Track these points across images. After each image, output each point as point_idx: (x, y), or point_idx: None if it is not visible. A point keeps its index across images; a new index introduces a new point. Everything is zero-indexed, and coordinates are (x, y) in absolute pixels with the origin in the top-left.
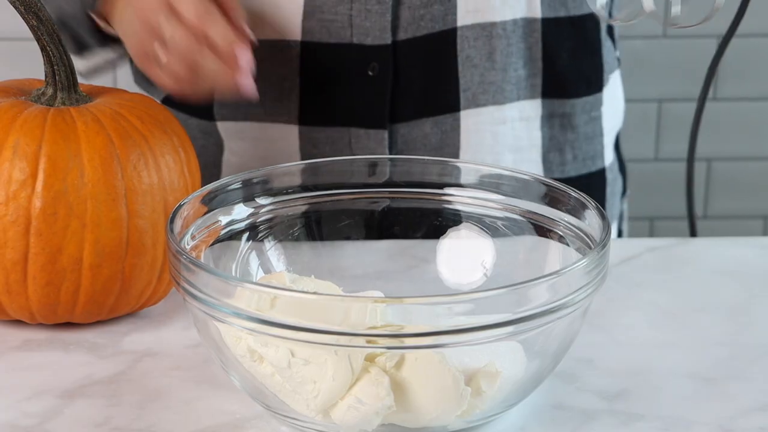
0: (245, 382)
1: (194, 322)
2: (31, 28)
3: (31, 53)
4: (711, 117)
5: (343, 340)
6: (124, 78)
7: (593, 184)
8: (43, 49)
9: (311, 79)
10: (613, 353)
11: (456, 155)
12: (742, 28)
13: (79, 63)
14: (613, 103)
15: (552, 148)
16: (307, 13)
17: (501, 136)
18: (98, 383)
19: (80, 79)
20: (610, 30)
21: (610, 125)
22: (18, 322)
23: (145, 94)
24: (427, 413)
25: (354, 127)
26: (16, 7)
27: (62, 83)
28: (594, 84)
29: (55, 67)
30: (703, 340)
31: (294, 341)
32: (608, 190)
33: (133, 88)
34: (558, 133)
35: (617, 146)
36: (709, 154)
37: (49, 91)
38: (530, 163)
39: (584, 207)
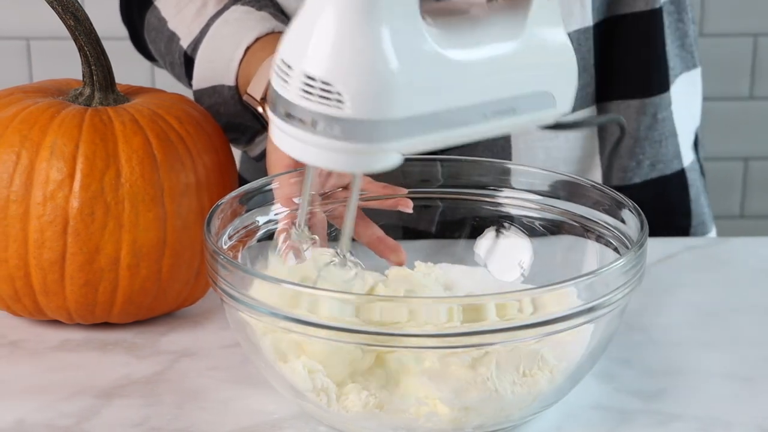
0: (282, 383)
1: (231, 322)
2: (69, 28)
3: (69, 53)
4: (748, 116)
5: (382, 340)
6: (161, 78)
7: (672, 187)
8: (80, 49)
9: None
10: (650, 353)
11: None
12: None
13: (255, 150)
14: (686, 102)
15: (611, 154)
16: None
17: (554, 150)
18: (136, 383)
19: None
20: (677, 29)
21: (685, 126)
22: (55, 323)
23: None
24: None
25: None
26: (53, 8)
27: (100, 83)
28: (655, 85)
29: (93, 67)
30: (740, 340)
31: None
32: (692, 191)
33: (171, 88)
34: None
35: (696, 147)
36: (745, 154)
37: (87, 91)
38: (588, 173)
39: (621, 207)
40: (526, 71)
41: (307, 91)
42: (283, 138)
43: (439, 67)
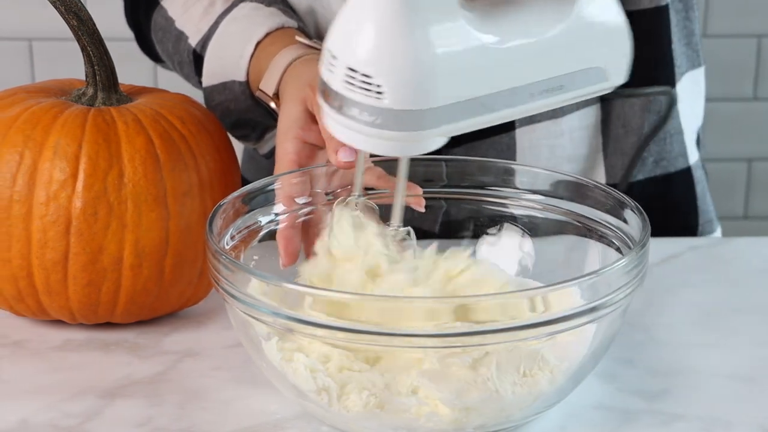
0: (284, 383)
1: (233, 322)
2: (72, 28)
3: (72, 53)
4: (751, 117)
5: (392, 340)
6: (164, 78)
7: (678, 184)
8: (83, 49)
9: None
10: (652, 353)
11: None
12: None
13: (264, 147)
14: (691, 100)
15: (615, 151)
16: None
17: (558, 148)
18: (138, 383)
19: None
20: (684, 27)
21: (689, 123)
22: (58, 322)
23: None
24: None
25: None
26: (56, 8)
27: (103, 83)
28: (660, 82)
29: (96, 67)
30: (743, 340)
31: (334, 341)
32: (698, 188)
33: (174, 88)
34: (621, 136)
35: (698, 146)
36: (749, 155)
37: (90, 91)
38: (593, 171)
39: (624, 207)
40: (575, 50)
41: (349, 82)
42: (333, 124)
43: (479, 54)
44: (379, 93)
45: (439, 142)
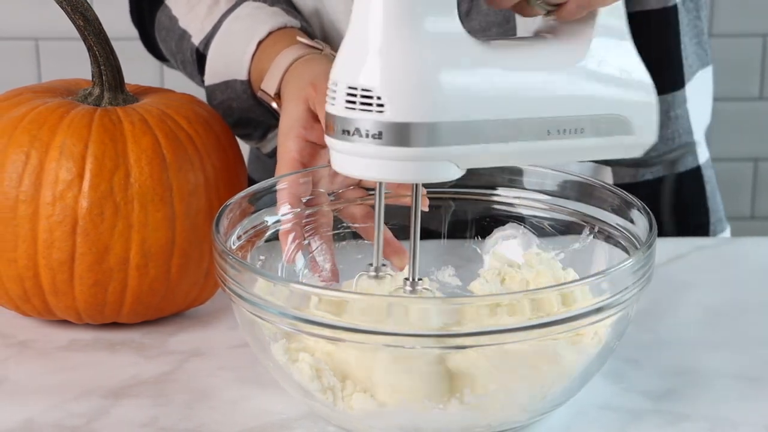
0: (290, 382)
1: (239, 322)
2: (78, 28)
3: (78, 53)
4: (757, 116)
5: (398, 340)
6: (170, 78)
7: (687, 184)
8: (89, 49)
9: None
10: (659, 353)
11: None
12: None
13: (267, 147)
14: (701, 99)
15: None
16: None
17: None
18: (144, 383)
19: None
20: (695, 26)
21: (699, 122)
22: (64, 322)
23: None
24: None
25: None
26: (63, 7)
27: (109, 83)
28: (668, 82)
29: (102, 67)
30: (749, 340)
31: (337, 341)
32: (708, 188)
33: (180, 88)
34: None
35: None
36: (755, 154)
37: (96, 91)
38: (601, 172)
39: (630, 207)
40: (591, 92)
41: (350, 101)
42: (341, 158)
43: (482, 74)
44: (380, 106)
45: (453, 172)
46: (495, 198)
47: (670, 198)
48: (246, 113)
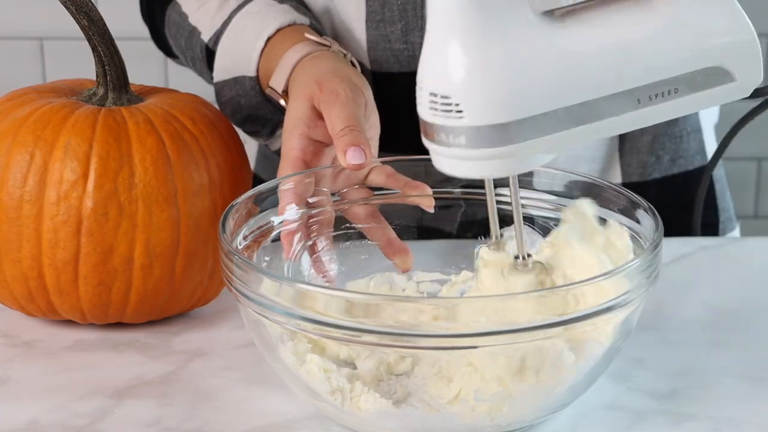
0: (298, 383)
1: (245, 322)
2: (83, 28)
3: (83, 53)
4: (762, 115)
5: (398, 340)
6: (175, 78)
7: (696, 183)
8: (94, 49)
9: (381, 109)
10: (664, 353)
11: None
12: None
13: (275, 144)
14: None
15: (631, 150)
16: (371, 44)
17: (571, 149)
18: (149, 383)
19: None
20: None
21: (707, 121)
22: (69, 323)
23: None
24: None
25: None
26: (67, 8)
27: (113, 83)
28: None
29: (107, 67)
30: (755, 340)
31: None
32: (717, 187)
33: (184, 88)
34: (636, 135)
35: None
36: (759, 154)
37: (101, 91)
38: (609, 171)
39: (637, 207)
40: (678, 49)
41: (433, 108)
42: (437, 158)
43: (561, 61)
44: (459, 112)
45: (544, 157)
46: (503, 198)
47: (675, 196)
48: (254, 110)
